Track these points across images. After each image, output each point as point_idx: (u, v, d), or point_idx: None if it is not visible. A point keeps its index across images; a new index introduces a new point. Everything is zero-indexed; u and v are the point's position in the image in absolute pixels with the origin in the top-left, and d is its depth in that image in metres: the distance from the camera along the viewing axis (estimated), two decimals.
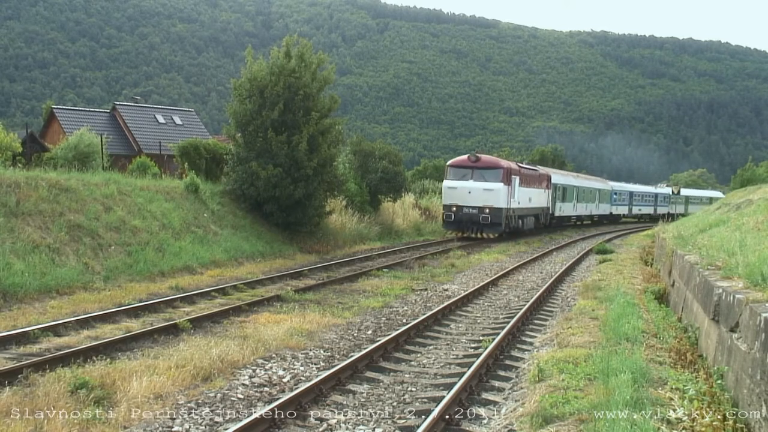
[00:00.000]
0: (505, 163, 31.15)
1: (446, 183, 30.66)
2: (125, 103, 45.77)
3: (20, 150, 24.31)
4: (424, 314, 12.55)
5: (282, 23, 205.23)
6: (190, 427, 6.74)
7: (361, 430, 6.89)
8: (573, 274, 19.94)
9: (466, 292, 15.08)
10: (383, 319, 12.56)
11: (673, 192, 72.58)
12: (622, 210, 57.72)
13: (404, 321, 12.32)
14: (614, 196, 54.52)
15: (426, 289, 16.25)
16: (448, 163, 31.98)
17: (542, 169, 38.60)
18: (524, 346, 10.55)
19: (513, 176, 30.53)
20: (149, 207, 18.99)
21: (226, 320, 11.78)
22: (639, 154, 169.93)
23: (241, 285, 15.32)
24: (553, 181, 38.38)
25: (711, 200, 72.14)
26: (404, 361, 9.68)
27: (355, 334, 11.25)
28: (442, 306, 13.23)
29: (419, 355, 10.08)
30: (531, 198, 33.91)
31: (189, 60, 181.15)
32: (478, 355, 9.40)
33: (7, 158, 21.50)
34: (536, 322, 12.54)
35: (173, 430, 6.66)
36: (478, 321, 12.71)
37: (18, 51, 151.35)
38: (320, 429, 6.88)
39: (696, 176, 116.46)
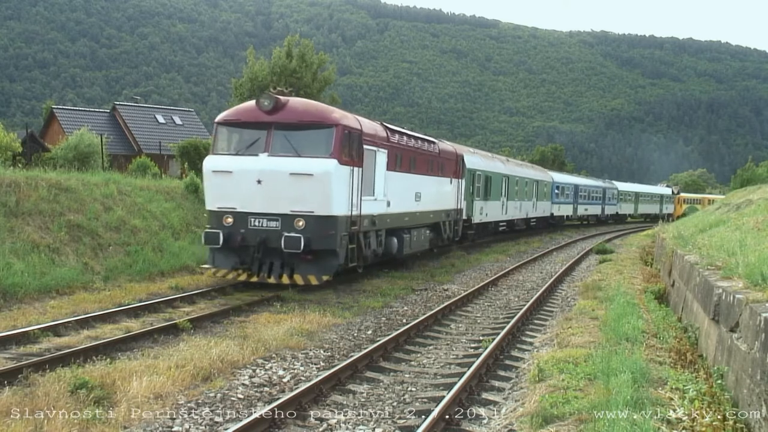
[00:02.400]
0: (342, 115, 14.43)
1: (210, 161, 14.48)
2: (125, 103, 45.85)
3: (20, 150, 24.36)
4: (424, 314, 12.54)
5: (282, 23, 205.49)
6: (190, 427, 6.74)
7: (361, 430, 6.88)
8: (573, 274, 19.95)
9: (466, 292, 15.08)
10: (383, 318, 12.56)
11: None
12: (566, 210, 44.09)
13: (404, 321, 12.30)
14: (555, 192, 40.99)
15: (426, 289, 16.23)
16: (218, 118, 15.24)
17: (446, 144, 23.09)
18: (524, 346, 10.55)
19: (369, 147, 15.06)
20: (149, 207, 18.99)
21: (226, 320, 11.76)
22: (639, 155, 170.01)
23: (241, 285, 15.29)
24: (468, 165, 24.10)
25: (662, 198, 67.18)
26: (404, 361, 9.68)
27: (355, 334, 11.24)
28: (442, 306, 13.22)
29: (419, 355, 10.08)
30: (420, 194, 18.89)
31: (189, 60, 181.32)
32: (478, 355, 9.40)
33: (7, 158, 21.52)
34: (536, 322, 12.55)
35: (173, 430, 6.65)
36: (478, 321, 12.71)
37: (18, 51, 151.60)
38: (320, 429, 6.88)
39: (696, 176, 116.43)
